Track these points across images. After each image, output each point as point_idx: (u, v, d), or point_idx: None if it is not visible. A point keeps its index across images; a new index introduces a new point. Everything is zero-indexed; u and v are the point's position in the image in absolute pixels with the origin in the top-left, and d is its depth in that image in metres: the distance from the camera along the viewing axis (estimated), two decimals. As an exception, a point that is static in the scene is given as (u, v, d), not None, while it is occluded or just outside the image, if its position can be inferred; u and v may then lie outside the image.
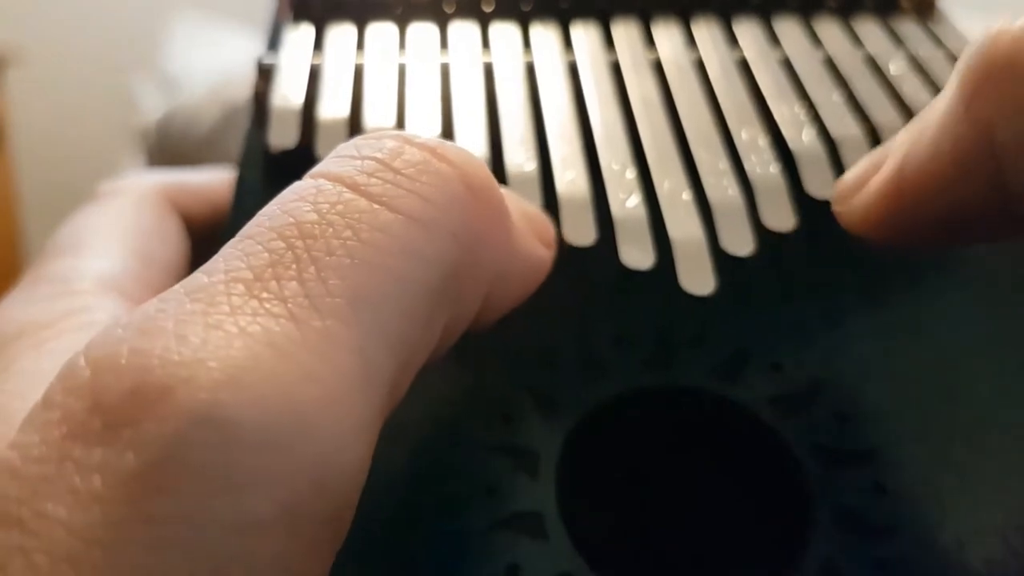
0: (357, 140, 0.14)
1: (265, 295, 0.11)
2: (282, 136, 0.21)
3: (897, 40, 0.25)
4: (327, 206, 0.12)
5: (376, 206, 0.12)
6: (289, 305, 0.11)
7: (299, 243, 0.12)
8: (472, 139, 0.21)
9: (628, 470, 0.20)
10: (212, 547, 0.10)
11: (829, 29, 0.25)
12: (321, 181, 0.13)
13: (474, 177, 0.14)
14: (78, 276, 0.19)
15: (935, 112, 0.16)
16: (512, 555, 0.16)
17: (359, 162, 0.13)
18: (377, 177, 0.13)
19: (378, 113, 0.21)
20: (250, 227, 0.12)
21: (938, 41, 0.25)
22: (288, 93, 0.22)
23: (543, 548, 0.16)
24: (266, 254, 0.12)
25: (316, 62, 0.23)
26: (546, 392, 0.18)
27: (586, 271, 0.21)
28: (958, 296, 0.21)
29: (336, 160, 0.14)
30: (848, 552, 0.16)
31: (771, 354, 0.19)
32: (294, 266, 0.11)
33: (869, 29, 0.25)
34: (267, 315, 0.11)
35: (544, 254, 0.17)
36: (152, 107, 1.17)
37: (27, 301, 0.18)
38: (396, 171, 0.13)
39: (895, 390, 0.19)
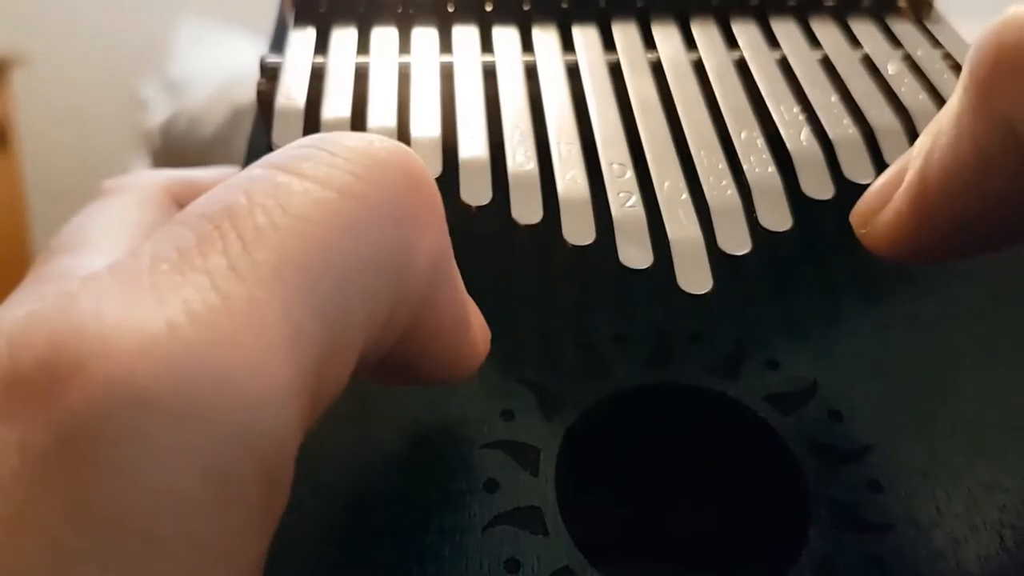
0: (301, 139, 0.14)
1: (188, 270, 0.11)
2: (285, 135, 0.21)
3: (894, 41, 0.25)
4: (259, 190, 0.12)
5: (308, 184, 0.12)
6: (213, 277, 0.11)
7: (227, 223, 0.12)
8: (473, 139, 0.21)
9: (626, 466, 0.20)
10: (139, 522, 0.10)
11: (826, 30, 0.25)
12: (256, 170, 0.13)
13: (410, 163, 0.14)
14: (82, 273, 0.19)
15: (949, 113, 0.16)
16: (512, 550, 0.16)
17: (294, 150, 0.13)
18: (313, 161, 0.13)
19: (380, 113, 0.22)
20: (180, 215, 0.12)
21: (935, 42, 0.25)
22: (292, 93, 0.22)
23: (543, 543, 0.16)
24: (193, 236, 0.12)
25: (319, 63, 0.23)
26: (546, 389, 0.19)
27: (586, 270, 0.21)
28: (953, 295, 0.21)
29: (280, 152, 0.13)
30: (844, 548, 0.16)
31: (768, 352, 0.19)
32: (220, 243, 0.11)
33: (866, 30, 0.25)
34: (189, 287, 0.11)
35: (479, 344, 0.17)
36: (157, 109, 1.17)
37: (31, 298, 0.18)
38: (333, 154, 0.13)
39: (891, 388, 0.19)
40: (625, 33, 0.25)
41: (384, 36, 0.25)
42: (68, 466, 0.09)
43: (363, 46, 0.24)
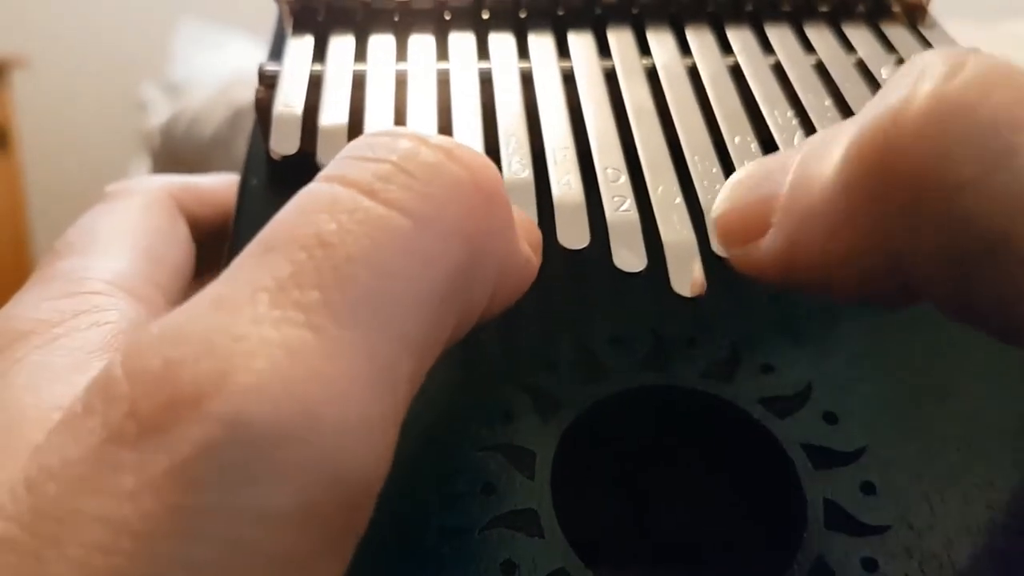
0: (371, 139, 0.14)
1: (287, 304, 0.12)
2: (284, 143, 0.21)
3: (888, 46, 0.25)
4: (345, 215, 0.13)
5: (392, 212, 0.13)
6: (309, 314, 0.12)
7: (319, 252, 0.12)
8: (469, 144, 0.21)
9: (622, 469, 0.20)
10: (234, 536, 0.11)
11: (821, 35, 0.26)
12: (337, 188, 0.13)
13: (485, 180, 0.14)
14: (87, 275, 0.19)
15: (824, 199, 0.15)
16: (508, 552, 0.16)
17: (374, 165, 0.14)
18: (392, 182, 0.13)
19: (377, 120, 0.22)
20: (271, 235, 0.13)
21: (929, 46, 0.25)
22: (290, 101, 0.22)
23: (539, 545, 0.16)
24: (288, 265, 0.12)
25: (317, 70, 0.24)
26: (543, 392, 0.19)
27: (582, 274, 0.21)
28: None
29: (350, 162, 0.14)
30: (839, 550, 0.16)
31: (762, 355, 0.20)
32: (315, 275, 0.12)
33: (860, 35, 0.26)
34: (288, 323, 0.12)
35: (533, 259, 0.17)
36: (157, 111, 1.18)
37: (37, 299, 0.19)
38: (410, 175, 0.13)
39: (885, 390, 0.19)
40: (620, 39, 0.25)
41: (381, 44, 0.25)
42: (178, 487, 0.11)
43: (361, 54, 0.24)
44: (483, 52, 0.25)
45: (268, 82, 0.23)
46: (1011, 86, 0.13)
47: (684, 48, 0.25)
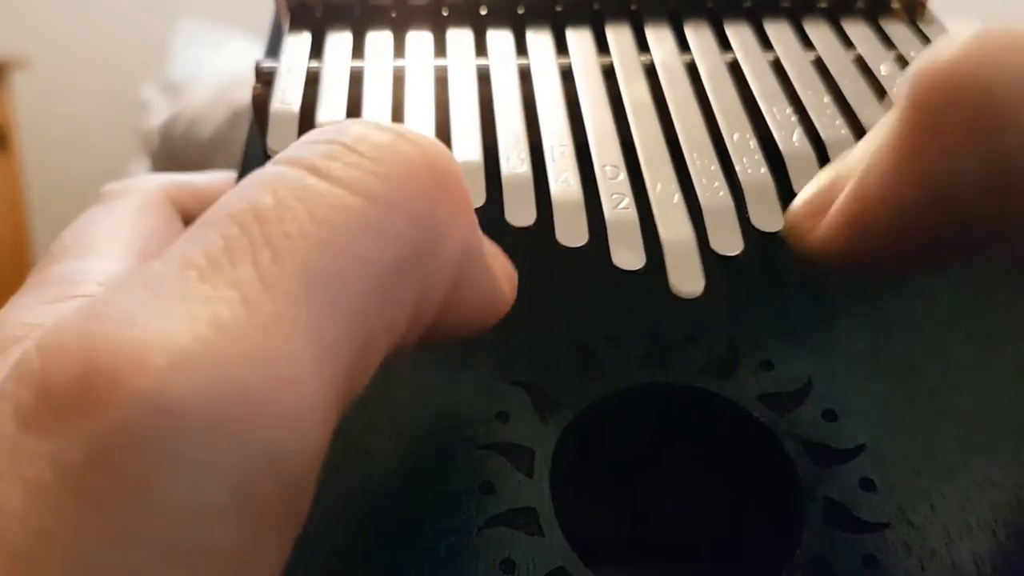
0: (323, 128, 0.14)
1: (218, 280, 0.11)
2: (280, 140, 0.21)
3: (888, 42, 0.25)
4: (286, 191, 0.12)
5: (336, 189, 0.12)
6: (242, 289, 0.11)
7: (255, 228, 0.12)
8: (467, 142, 0.21)
9: (621, 467, 0.20)
10: (166, 535, 0.10)
11: (820, 31, 0.25)
12: (282, 167, 0.13)
13: (437, 159, 0.14)
14: (83, 278, 0.19)
15: (888, 136, 0.15)
16: (507, 551, 0.16)
17: (323, 147, 0.13)
18: (339, 160, 0.13)
19: (375, 116, 0.22)
20: (208, 214, 0.12)
21: (928, 41, 0.25)
22: (287, 98, 0.22)
23: (538, 544, 0.16)
24: (221, 240, 0.12)
25: (314, 67, 0.24)
26: (541, 390, 0.19)
27: (581, 272, 0.21)
28: (947, 294, 0.21)
29: (300, 146, 0.13)
30: (838, 547, 0.16)
31: (762, 352, 0.20)
32: (249, 251, 0.11)
33: (860, 31, 0.26)
34: (219, 300, 0.11)
35: (505, 291, 0.17)
36: (157, 111, 1.18)
37: (33, 303, 0.18)
38: (359, 153, 0.13)
39: (885, 387, 0.19)
40: (618, 36, 0.25)
41: (379, 40, 0.25)
42: (100, 480, 0.10)
43: (358, 50, 0.24)
44: (481, 49, 0.25)
45: (265, 79, 0.23)
46: None
47: (683, 45, 0.25)
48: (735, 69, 0.24)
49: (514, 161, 0.21)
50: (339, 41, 0.25)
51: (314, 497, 0.12)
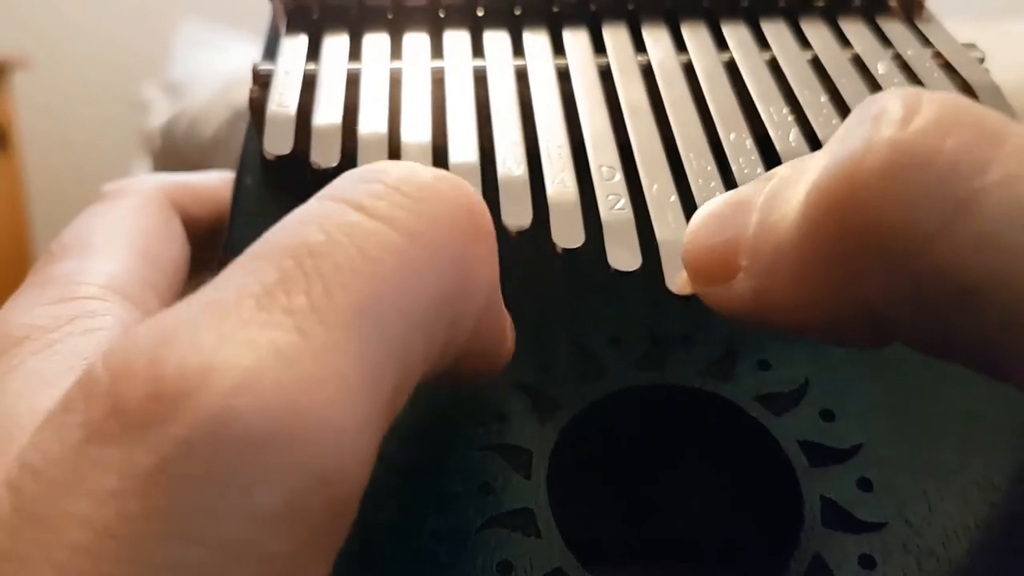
0: (366, 167, 0.15)
1: (274, 308, 0.12)
2: (278, 142, 0.21)
3: (885, 41, 0.25)
4: (335, 227, 0.13)
5: (382, 227, 0.13)
6: (296, 318, 0.12)
7: (308, 261, 0.12)
8: (464, 143, 0.21)
9: (618, 468, 0.20)
10: (221, 539, 0.10)
11: (816, 30, 0.25)
12: (328, 203, 0.14)
13: (474, 203, 0.15)
14: (83, 279, 0.19)
15: (790, 246, 0.14)
16: (505, 552, 0.16)
17: (366, 185, 0.14)
18: (384, 199, 0.14)
19: (372, 119, 0.22)
20: (261, 246, 0.13)
21: (926, 41, 0.25)
22: (283, 100, 0.22)
23: (535, 545, 0.16)
24: (276, 272, 0.12)
25: (311, 69, 0.24)
26: (540, 392, 0.19)
27: (579, 273, 0.21)
28: None
29: (344, 183, 0.14)
30: (836, 547, 0.16)
31: (759, 353, 0.20)
32: (302, 282, 0.12)
33: (857, 30, 0.25)
34: (275, 327, 0.12)
35: (508, 341, 0.17)
36: (158, 111, 1.18)
37: (32, 304, 0.18)
38: (402, 194, 0.14)
39: (882, 387, 0.19)
40: (615, 36, 0.25)
41: (375, 42, 0.25)
42: (164, 486, 0.10)
43: (355, 52, 0.24)
44: (478, 50, 0.25)
45: (262, 81, 0.23)
46: (968, 124, 0.13)
47: (679, 45, 0.25)
48: (732, 69, 0.24)
49: (510, 162, 0.21)
50: (336, 43, 0.25)
51: (355, 514, 0.12)
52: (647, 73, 0.24)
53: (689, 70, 0.24)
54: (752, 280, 0.15)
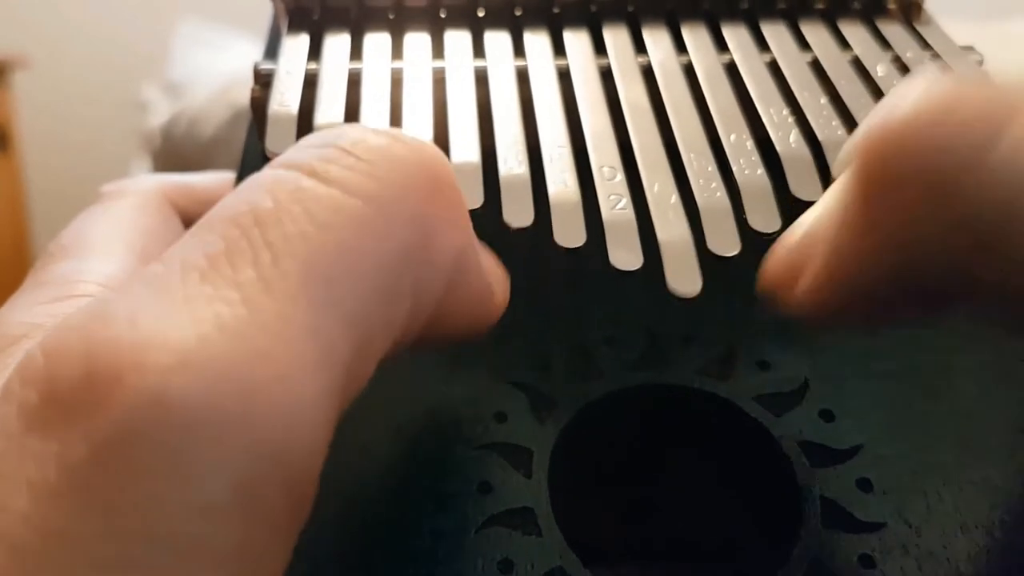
0: (321, 132, 0.14)
1: (219, 281, 0.11)
2: (279, 142, 0.21)
3: (884, 43, 0.25)
4: (284, 193, 0.12)
5: (333, 191, 0.13)
6: (244, 290, 0.11)
7: (255, 230, 0.12)
8: (465, 143, 0.21)
9: (618, 467, 0.20)
10: (170, 533, 0.10)
11: (816, 32, 0.26)
12: (280, 170, 0.13)
13: (432, 162, 0.14)
14: (82, 278, 0.19)
15: (847, 204, 0.15)
16: (505, 551, 0.16)
17: (319, 150, 0.13)
18: (336, 163, 0.13)
19: (373, 118, 0.22)
20: (208, 217, 0.12)
21: (925, 43, 0.25)
22: (285, 99, 0.22)
23: (536, 544, 0.16)
24: (222, 242, 0.12)
25: (312, 69, 0.24)
26: (539, 391, 0.19)
27: (578, 272, 0.21)
28: None
29: (297, 149, 0.14)
30: (835, 547, 0.16)
31: (759, 353, 0.20)
32: (248, 252, 0.12)
33: (856, 32, 0.26)
34: (220, 300, 0.11)
35: (498, 296, 0.17)
36: (158, 111, 1.18)
37: (32, 303, 0.18)
38: (355, 156, 0.13)
39: (881, 387, 0.19)
40: (616, 37, 0.25)
41: (377, 42, 0.25)
42: (103, 479, 0.10)
43: (356, 52, 0.24)
44: (479, 50, 0.25)
45: (263, 81, 0.24)
46: (997, 84, 0.14)
47: (679, 46, 0.25)
48: (732, 70, 0.24)
49: (512, 162, 0.21)
50: (337, 43, 0.25)
51: (313, 497, 0.12)
52: (648, 74, 0.24)
53: (689, 71, 0.24)
54: (819, 265, 0.16)
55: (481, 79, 0.23)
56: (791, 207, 0.20)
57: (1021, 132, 0.13)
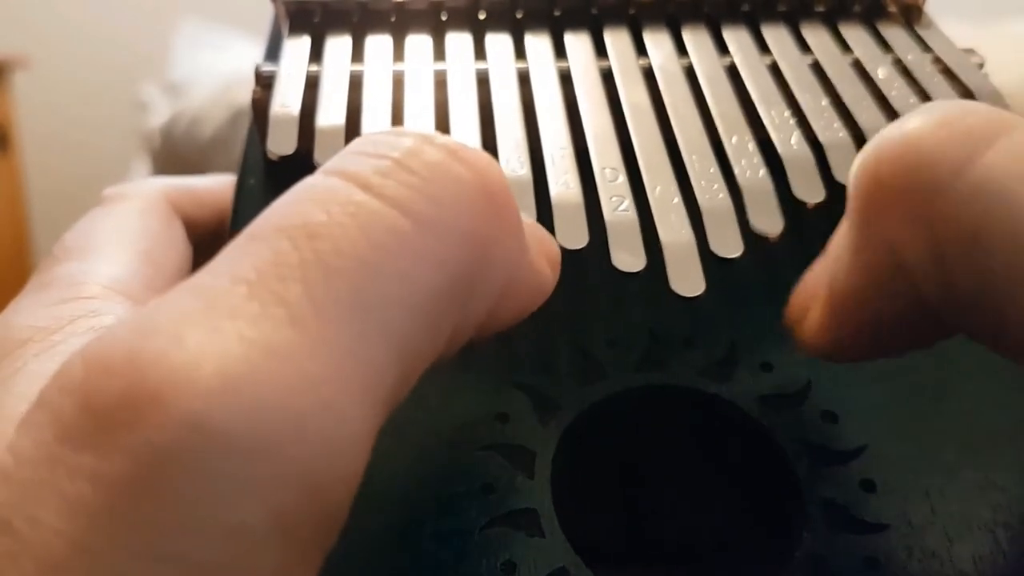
0: (376, 136, 0.14)
1: (267, 297, 0.11)
2: (281, 143, 0.21)
3: (884, 45, 0.25)
4: (338, 207, 0.12)
5: (388, 209, 0.12)
6: (291, 308, 0.11)
7: (306, 244, 0.11)
8: (467, 144, 0.21)
9: (621, 468, 0.21)
10: (202, 556, 0.10)
11: (817, 35, 0.26)
12: (334, 180, 0.13)
13: (491, 183, 0.13)
14: (86, 280, 0.19)
15: (841, 232, 0.16)
16: (508, 552, 0.16)
17: (375, 160, 0.13)
18: (392, 178, 0.12)
19: (374, 120, 0.22)
20: (257, 225, 0.12)
21: (925, 46, 0.25)
22: (286, 101, 0.22)
23: (539, 545, 0.16)
24: (270, 254, 0.11)
25: (314, 71, 0.24)
26: (542, 392, 0.19)
27: (581, 274, 0.21)
28: None
29: (352, 157, 0.13)
30: (838, 548, 0.16)
31: (761, 354, 0.20)
32: (299, 268, 0.11)
33: (857, 35, 0.26)
34: (268, 319, 0.11)
35: (548, 275, 0.16)
36: (158, 111, 1.18)
37: (35, 305, 0.18)
38: (412, 171, 0.13)
39: (884, 388, 0.19)
40: (617, 40, 0.25)
41: (378, 44, 0.25)
42: (139, 498, 0.10)
43: (357, 54, 0.24)
44: (480, 53, 0.25)
45: (264, 83, 0.24)
46: (985, 110, 0.14)
47: (681, 48, 0.25)
48: (733, 73, 0.24)
49: (514, 164, 0.21)
50: (338, 45, 0.25)
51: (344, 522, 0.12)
52: (649, 76, 0.24)
53: (691, 74, 0.24)
54: (824, 293, 0.17)
55: (483, 81, 0.23)
56: (792, 208, 0.20)
57: (993, 159, 0.13)
